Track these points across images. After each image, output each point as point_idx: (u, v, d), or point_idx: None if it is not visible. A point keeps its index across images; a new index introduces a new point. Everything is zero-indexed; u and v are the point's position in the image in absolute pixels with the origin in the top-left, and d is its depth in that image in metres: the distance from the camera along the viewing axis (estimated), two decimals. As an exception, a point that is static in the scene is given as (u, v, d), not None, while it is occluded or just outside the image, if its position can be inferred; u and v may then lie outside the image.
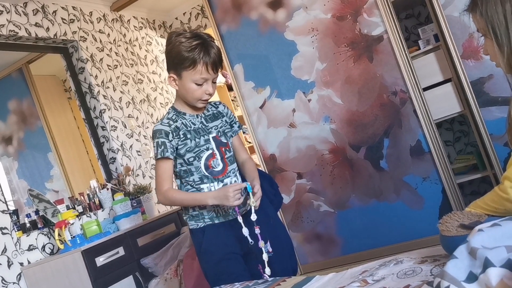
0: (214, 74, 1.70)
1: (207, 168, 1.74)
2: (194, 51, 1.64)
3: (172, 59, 1.70)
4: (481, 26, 1.27)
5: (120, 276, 2.84)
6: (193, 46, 1.64)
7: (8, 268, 2.73)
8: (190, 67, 1.65)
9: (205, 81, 1.69)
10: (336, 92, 2.90)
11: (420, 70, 2.74)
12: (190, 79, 1.68)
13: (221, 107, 1.88)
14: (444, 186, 2.69)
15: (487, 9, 1.23)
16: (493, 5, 1.22)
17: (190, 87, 1.69)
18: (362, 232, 2.95)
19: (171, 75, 1.73)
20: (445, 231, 1.12)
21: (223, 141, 1.80)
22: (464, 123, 3.17)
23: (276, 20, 3.01)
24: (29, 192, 2.97)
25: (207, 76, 1.68)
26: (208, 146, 1.75)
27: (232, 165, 1.81)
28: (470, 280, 0.89)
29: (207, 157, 1.74)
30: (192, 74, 1.66)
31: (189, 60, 1.64)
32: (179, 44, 1.65)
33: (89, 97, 3.78)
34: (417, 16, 3.26)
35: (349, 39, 2.82)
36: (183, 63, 1.66)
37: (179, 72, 1.69)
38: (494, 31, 1.23)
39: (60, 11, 3.70)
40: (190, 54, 1.64)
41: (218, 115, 1.85)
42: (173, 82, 1.74)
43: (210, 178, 1.75)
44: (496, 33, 1.22)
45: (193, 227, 1.78)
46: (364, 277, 1.26)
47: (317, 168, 3.02)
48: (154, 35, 4.74)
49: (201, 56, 1.64)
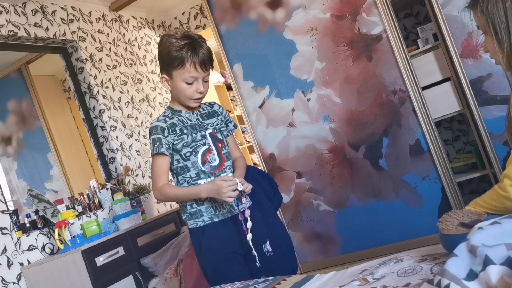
0: (204, 72, 1.73)
1: (203, 163, 1.75)
2: (182, 50, 1.68)
3: (162, 60, 1.75)
4: (482, 23, 1.28)
5: (120, 275, 2.84)
6: (181, 46, 1.68)
7: (8, 268, 2.73)
8: (179, 67, 1.69)
9: (195, 80, 1.72)
10: (335, 92, 2.91)
11: (419, 69, 2.74)
12: (181, 78, 1.71)
13: (216, 107, 1.91)
14: (444, 185, 2.70)
15: (488, 6, 1.24)
16: (494, 2, 1.23)
17: (181, 86, 1.72)
18: (362, 231, 2.96)
19: (163, 76, 1.76)
20: (445, 230, 1.13)
21: (219, 138, 1.82)
22: (463, 122, 3.17)
23: (275, 19, 3.01)
24: (28, 192, 2.97)
25: (196, 74, 1.71)
26: (204, 141, 1.76)
27: (228, 161, 1.82)
28: (470, 278, 0.89)
29: (204, 152, 1.75)
30: (181, 73, 1.70)
31: (178, 59, 1.68)
32: (169, 45, 1.70)
33: (89, 97, 3.78)
34: (416, 15, 3.27)
35: (348, 39, 2.82)
36: (172, 63, 1.70)
37: (170, 72, 1.73)
38: (495, 28, 1.24)
39: (59, 11, 3.70)
40: (179, 53, 1.68)
41: (213, 114, 1.87)
42: (166, 83, 1.77)
43: (206, 173, 1.75)
44: (497, 30, 1.23)
45: (192, 227, 1.78)
46: (364, 275, 1.26)
47: (317, 168, 3.03)
48: (153, 35, 4.74)
49: (189, 55, 1.68)
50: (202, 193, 1.69)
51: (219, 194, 1.64)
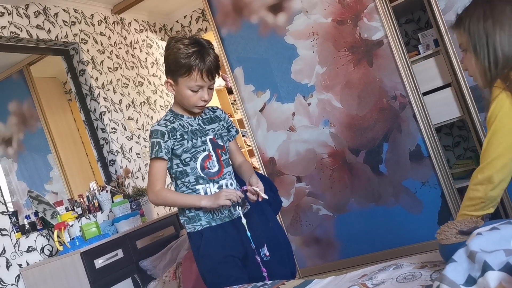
0: (210, 81, 1.72)
1: (202, 169, 1.75)
2: (190, 59, 1.66)
3: (169, 65, 1.73)
4: (463, 41, 1.37)
5: (118, 278, 2.84)
6: (189, 54, 1.66)
7: (6, 269, 2.72)
8: (185, 74, 1.68)
9: (201, 88, 1.71)
10: (336, 96, 2.91)
11: (420, 75, 2.75)
12: (186, 86, 1.70)
13: (218, 112, 1.90)
14: (443, 191, 2.70)
15: (470, 25, 1.33)
16: (476, 21, 1.31)
17: (186, 93, 1.72)
18: (361, 236, 2.95)
19: (168, 80, 1.75)
20: (444, 240, 1.12)
21: (220, 144, 1.81)
22: (463, 128, 3.17)
23: (277, 24, 3.02)
24: (28, 193, 2.97)
25: (202, 83, 1.70)
26: (204, 147, 1.76)
27: (228, 168, 1.82)
28: (469, 283, 0.89)
29: (203, 158, 1.75)
30: (187, 81, 1.69)
31: (185, 67, 1.66)
32: (177, 50, 1.68)
33: (89, 99, 3.78)
34: (417, 21, 3.28)
35: (349, 44, 2.83)
36: (179, 70, 1.68)
37: (176, 78, 1.72)
38: (474, 45, 1.32)
39: (62, 14, 3.71)
40: (186, 61, 1.66)
41: (215, 119, 1.86)
42: (170, 88, 1.76)
43: (205, 179, 1.75)
44: (476, 47, 1.32)
45: (191, 231, 1.77)
46: (364, 280, 1.26)
47: (316, 172, 3.03)
48: (154, 38, 4.75)
49: (196, 63, 1.66)
50: (201, 201, 1.70)
51: (218, 199, 1.66)
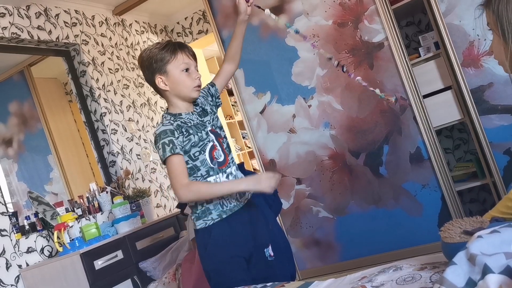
0: (194, 61, 1.80)
1: (211, 159, 1.76)
2: (167, 47, 1.76)
3: (151, 66, 1.77)
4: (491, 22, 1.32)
5: (118, 279, 2.83)
6: (164, 45, 1.77)
7: (6, 270, 2.72)
8: (172, 58, 1.75)
9: (189, 67, 1.77)
10: (336, 98, 2.91)
11: (420, 77, 2.75)
12: (177, 69, 1.76)
13: (199, 100, 1.87)
14: (444, 194, 2.69)
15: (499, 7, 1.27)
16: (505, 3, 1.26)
17: (179, 77, 1.76)
18: (361, 238, 2.95)
19: (158, 78, 1.78)
20: (447, 238, 1.11)
21: (218, 133, 1.84)
22: (463, 131, 3.17)
23: (277, 25, 3.02)
24: (28, 194, 2.97)
25: (189, 61, 1.77)
26: (209, 139, 1.78)
27: (230, 155, 1.85)
28: (469, 286, 0.89)
29: (210, 149, 1.77)
30: (175, 63, 1.75)
31: (168, 53, 1.75)
32: (151, 51, 1.77)
33: (90, 100, 3.78)
34: (417, 24, 3.28)
35: (350, 46, 2.83)
36: (163, 60, 1.75)
37: (164, 69, 1.76)
38: (502, 28, 1.27)
39: (63, 15, 3.71)
40: (165, 49, 1.75)
41: (205, 110, 1.86)
42: (162, 84, 1.78)
43: (215, 170, 1.76)
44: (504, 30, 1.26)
45: (201, 227, 1.76)
46: (363, 283, 1.26)
47: (317, 174, 3.03)
48: (155, 40, 4.76)
49: (175, 47, 1.76)
50: (241, 186, 1.72)
51: (259, 184, 1.67)
